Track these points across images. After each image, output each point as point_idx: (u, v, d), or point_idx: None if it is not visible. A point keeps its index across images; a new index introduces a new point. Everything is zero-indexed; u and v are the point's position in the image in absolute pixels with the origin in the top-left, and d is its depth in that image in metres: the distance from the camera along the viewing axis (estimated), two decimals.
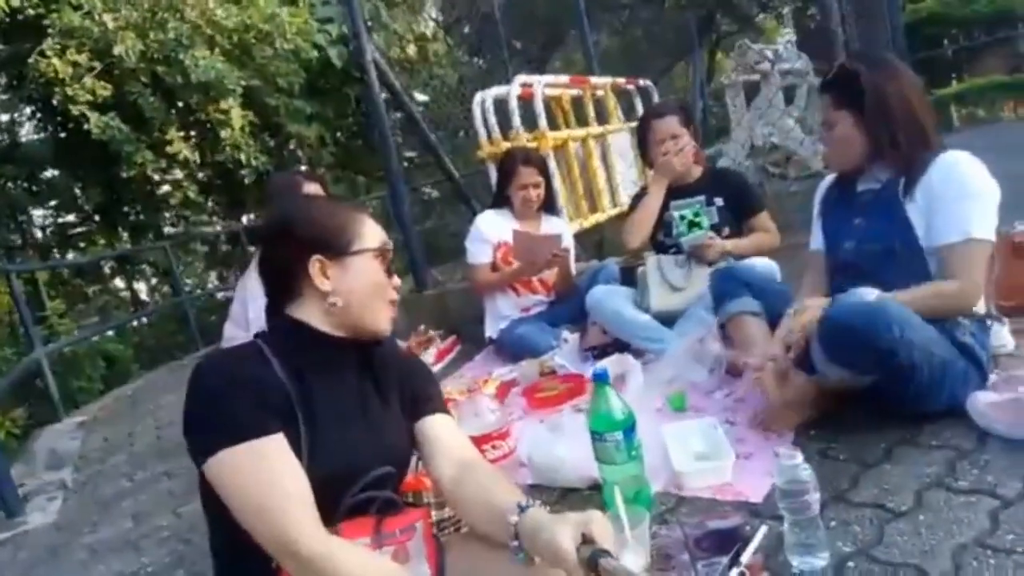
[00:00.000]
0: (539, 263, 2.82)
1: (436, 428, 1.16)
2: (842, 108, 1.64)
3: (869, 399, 1.59)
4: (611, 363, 2.22)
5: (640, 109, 5.54)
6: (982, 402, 1.46)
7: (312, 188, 2.33)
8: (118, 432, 4.10)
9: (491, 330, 3.06)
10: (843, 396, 1.64)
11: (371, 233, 1.11)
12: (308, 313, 1.07)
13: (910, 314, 1.42)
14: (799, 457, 1.19)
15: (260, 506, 0.89)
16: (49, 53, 5.91)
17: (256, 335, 1.07)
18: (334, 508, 0.96)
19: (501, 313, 3.03)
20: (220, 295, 10.55)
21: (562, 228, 3.09)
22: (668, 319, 2.49)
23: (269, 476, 0.90)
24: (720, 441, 1.64)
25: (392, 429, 1.13)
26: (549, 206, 3.12)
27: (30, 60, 5.97)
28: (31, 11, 6.09)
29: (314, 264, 1.05)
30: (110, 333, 6.94)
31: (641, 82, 5.63)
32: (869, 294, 1.48)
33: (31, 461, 3.77)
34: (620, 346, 2.54)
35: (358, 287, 1.07)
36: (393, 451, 1.11)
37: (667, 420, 1.90)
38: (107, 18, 5.86)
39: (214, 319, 8.98)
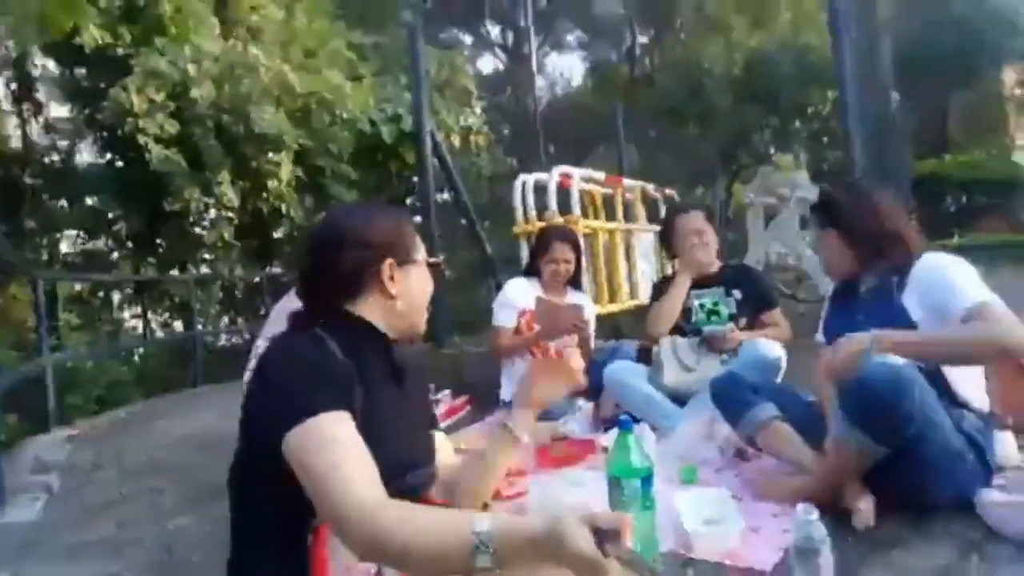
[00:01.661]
0: (559, 330, 2.91)
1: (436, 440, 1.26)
2: (827, 227, 1.86)
3: (878, 484, 1.62)
4: None
5: (663, 214, 5.81)
6: (991, 500, 1.49)
7: None
8: (109, 449, 4.05)
9: (507, 393, 3.10)
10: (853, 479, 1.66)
11: (420, 243, 1.21)
12: (370, 313, 1.12)
13: (928, 388, 1.49)
14: (815, 514, 1.22)
15: (343, 470, 0.89)
16: (130, 87, 6.36)
17: (316, 327, 1.09)
18: None
19: (519, 377, 3.05)
20: (226, 339, 10.63)
21: (585, 302, 3.20)
22: (679, 399, 2.55)
23: (351, 443, 0.93)
24: (730, 510, 1.66)
25: (426, 430, 1.19)
26: (575, 283, 3.24)
27: (111, 91, 6.41)
28: (120, 50, 6.60)
29: (387, 268, 1.11)
30: (114, 357, 6.96)
31: (667, 191, 5.93)
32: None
33: (16, 464, 3.68)
34: (633, 420, 2.57)
35: (417, 292, 1.16)
36: (430, 452, 1.17)
37: (678, 490, 1.92)
38: (190, 67, 6.35)
39: (214, 363, 9.01)
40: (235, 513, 1.06)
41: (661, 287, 2.89)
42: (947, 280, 1.62)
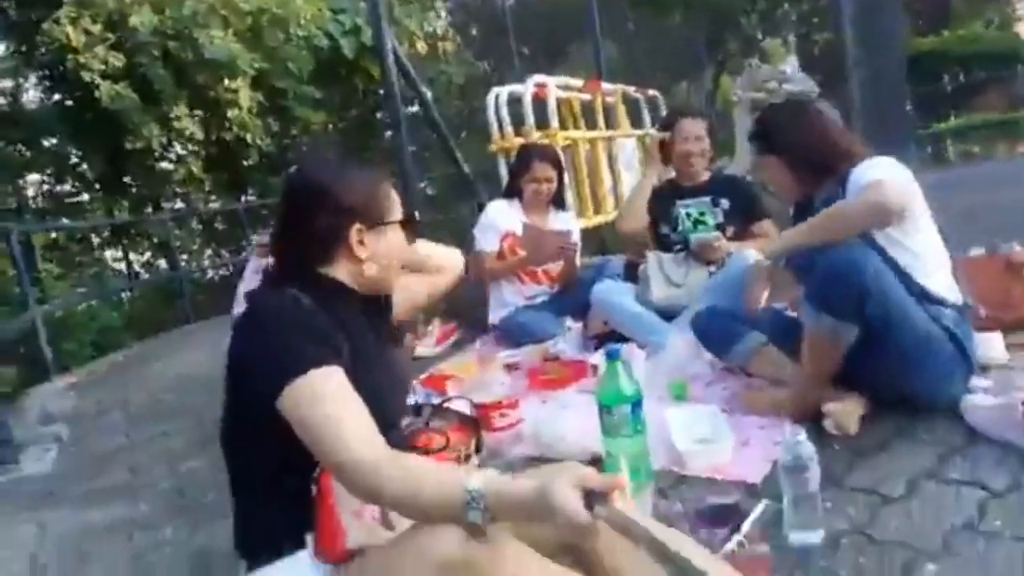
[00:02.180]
0: (547, 256, 2.88)
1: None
2: (766, 154, 1.85)
3: (860, 384, 1.66)
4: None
5: (647, 119, 5.64)
6: (976, 403, 1.53)
7: None
8: (112, 394, 4.11)
9: (494, 316, 3.11)
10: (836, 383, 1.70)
11: (398, 203, 1.18)
12: (341, 274, 1.12)
13: (886, 269, 1.55)
14: (803, 434, 1.25)
15: (340, 423, 0.92)
16: (64, 21, 5.92)
17: (289, 289, 1.09)
18: None
19: (505, 300, 3.08)
20: (212, 273, 10.55)
21: (570, 224, 3.16)
22: (668, 315, 2.56)
23: (345, 396, 0.95)
24: (721, 425, 1.71)
25: (405, 387, 1.21)
26: (558, 201, 3.18)
27: (43, 26, 5.97)
28: None
29: (354, 232, 1.10)
30: (102, 302, 6.91)
31: (650, 92, 5.73)
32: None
33: (23, 417, 3.74)
34: (621, 337, 2.60)
35: (389, 255, 1.15)
36: (406, 410, 1.21)
37: (668, 407, 1.96)
38: None
39: (202, 298, 8.99)
40: (232, 468, 1.10)
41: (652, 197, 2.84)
42: (861, 175, 1.64)
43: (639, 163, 5.05)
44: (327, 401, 0.93)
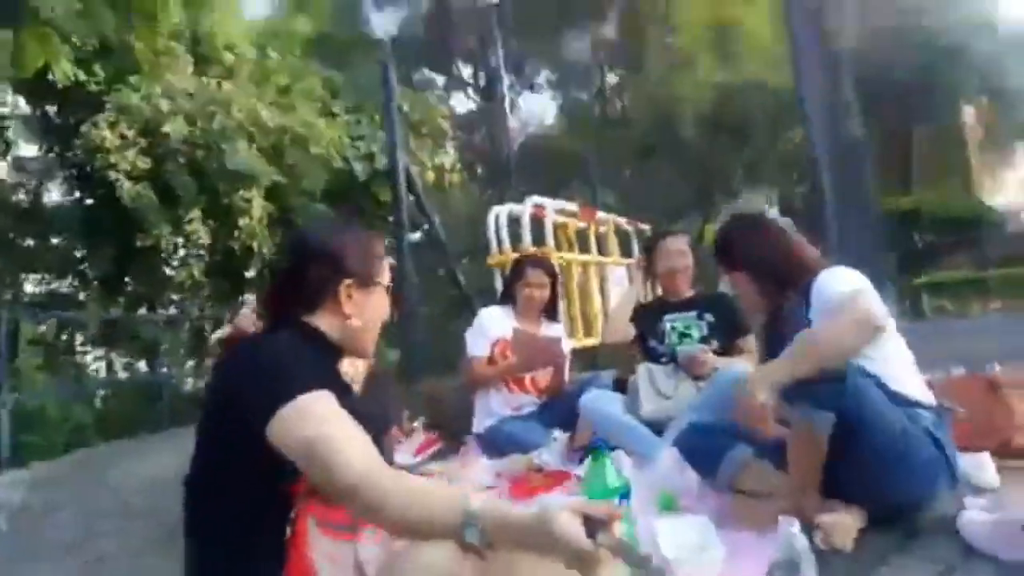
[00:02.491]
0: (536, 362, 2.88)
1: None
2: (729, 269, 1.91)
3: (845, 494, 1.61)
4: None
5: (636, 250, 5.87)
6: (973, 520, 1.49)
7: None
8: (68, 490, 3.91)
9: (480, 426, 3.04)
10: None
11: (386, 267, 1.26)
12: (323, 323, 1.17)
13: (860, 369, 1.54)
14: (797, 525, 1.21)
15: (338, 442, 0.92)
16: (103, 124, 6.34)
17: (273, 334, 1.15)
18: None
19: (492, 410, 3.02)
20: (192, 382, 10.34)
21: (561, 334, 3.19)
22: (657, 429, 2.51)
23: (340, 416, 0.96)
24: (711, 536, 1.63)
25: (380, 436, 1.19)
26: (551, 313, 3.23)
27: (83, 128, 6.38)
28: (93, 87, 6.58)
29: (344, 287, 1.16)
30: (76, 399, 6.75)
31: (641, 225, 6.00)
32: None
33: None
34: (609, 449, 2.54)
35: (372, 314, 1.21)
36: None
37: (658, 517, 1.88)
38: (163, 102, 6.35)
39: (181, 405, 8.76)
40: (199, 520, 1.06)
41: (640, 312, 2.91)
42: (825, 287, 1.67)
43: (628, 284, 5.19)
44: (323, 422, 0.94)
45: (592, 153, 7.98)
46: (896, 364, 1.65)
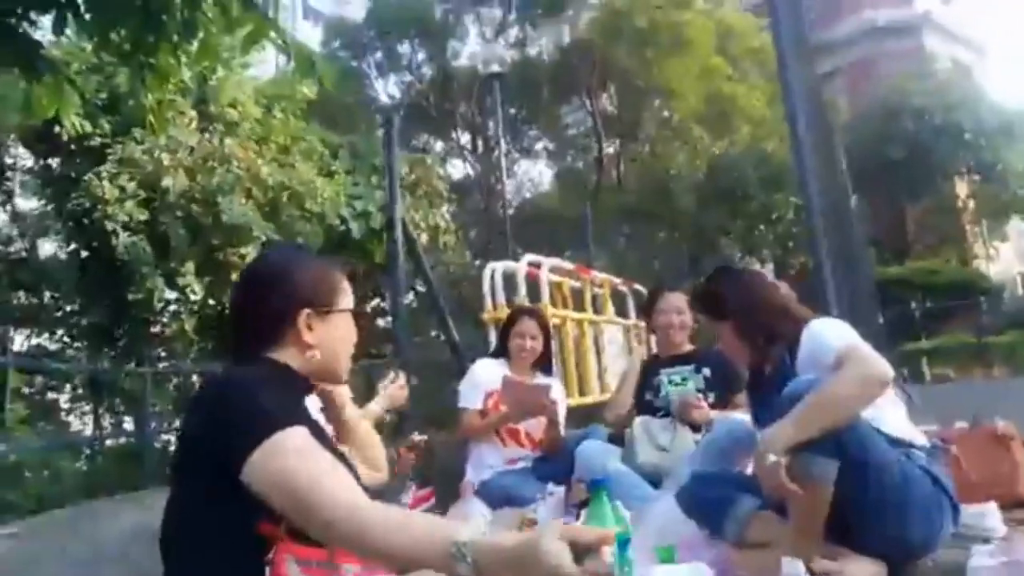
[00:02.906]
0: (527, 410, 2.86)
1: None
2: (719, 320, 1.91)
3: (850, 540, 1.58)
4: None
5: (632, 309, 5.91)
6: (983, 564, 1.46)
7: None
8: (48, 545, 3.77)
9: (474, 479, 2.99)
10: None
11: (348, 293, 1.22)
12: (287, 357, 1.13)
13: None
14: (801, 566, 1.17)
15: (319, 477, 0.90)
16: (104, 175, 6.43)
17: (237, 370, 1.13)
18: None
19: (485, 463, 2.98)
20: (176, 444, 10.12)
21: (554, 384, 3.16)
22: (654, 482, 2.48)
23: (317, 451, 0.94)
24: None
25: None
26: (545, 367, 3.21)
27: (84, 179, 6.46)
28: (99, 139, 6.72)
29: (303, 317, 1.12)
30: (61, 454, 6.58)
31: (635, 286, 6.05)
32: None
33: None
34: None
35: (337, 345, 1.17)
36: None
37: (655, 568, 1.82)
38: (164, 156, 6.47)
39: (166, 465, 8.54)
40: (176, 562, 1.02)
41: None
42: (819, 338, 1.67)
43: (623, 352, 5.18)
44: (301, 457, 0.91)
45: (587, 218, 8.09)
46: (887, 408, 1.65)
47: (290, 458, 0.90)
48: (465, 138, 18.20)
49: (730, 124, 15.42)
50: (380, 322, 10.60)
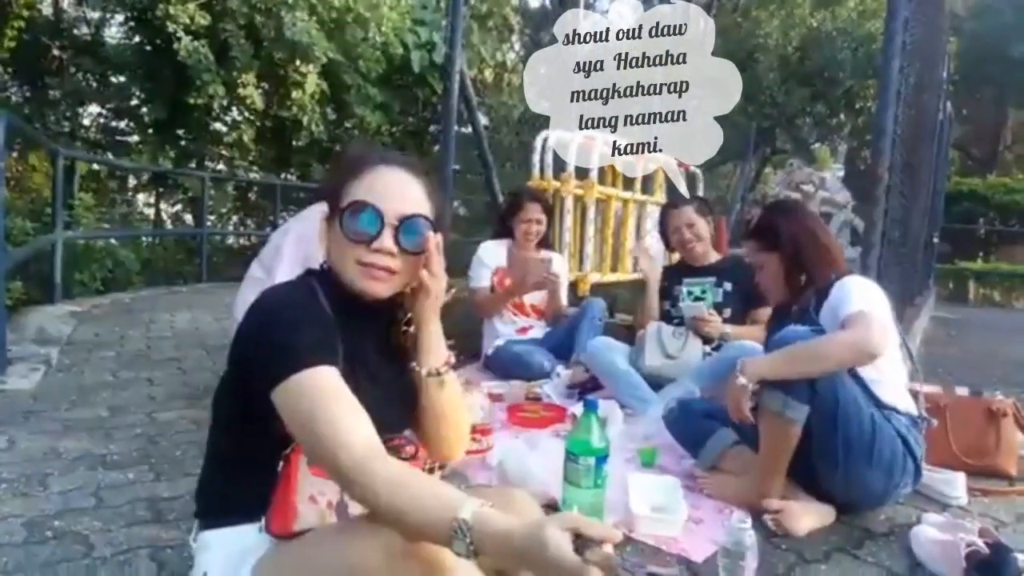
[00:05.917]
0: (529, 281, 3.05)
1: None
2: (766, 251, 1.92)
3: (812, 484, 1.71)
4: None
5: (685, 191, 5.76)
6: (923, 536, 1.57)
7: None
8: (110, 331, 4.20)
9: (488, 348, 3.23)
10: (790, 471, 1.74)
11: (360, 187, 1.05)
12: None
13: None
14: (748, 522, 1.30)
15: (334, 423, 0.90)
16: None
17: (309, 272, 1.10)
18: None
19: (497, 333, 3.23)
20: (234, 239, 10.74)
21: (555, 258, 3.26)
22: (657, 384, 2.62)
23: (339, 395, 0.94)
24: (678, 499, 1.75)
25: (400, 403, 1.13)
26: (547, 245, 3.34)
27: None
28: None
29: (322, 221, 1.07)
30: (124, 241, 7.07)
31: (691, 167, 5.83)
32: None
33: (19, 333, 3.80)
34: (597, 386, 2.72)
35: (334, 247, 1.06)
36: (399, 426, 1.14)
37: (634, 471, 2.01)
38: None
39: (219, 261, 9.16)
40: (213, 434, 1.10)
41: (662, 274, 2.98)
42: (843, 294, 1.71)
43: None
44: (320, 399, 0.92)
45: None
46: (885, 370, 1.70)
47: (310, 400, 0.91)
48: None
49: None
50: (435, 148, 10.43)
